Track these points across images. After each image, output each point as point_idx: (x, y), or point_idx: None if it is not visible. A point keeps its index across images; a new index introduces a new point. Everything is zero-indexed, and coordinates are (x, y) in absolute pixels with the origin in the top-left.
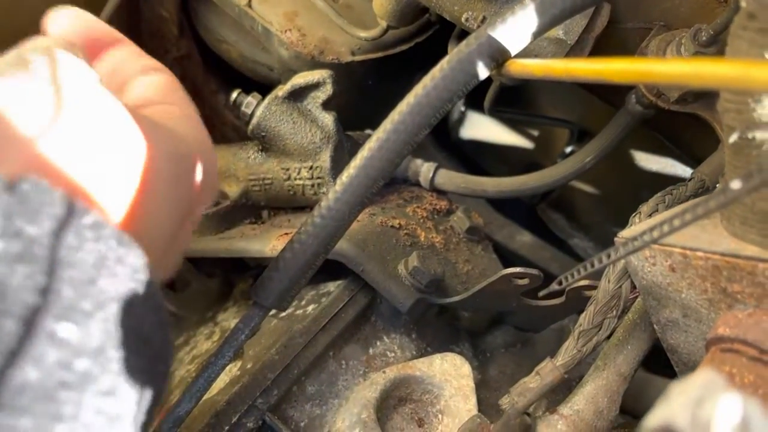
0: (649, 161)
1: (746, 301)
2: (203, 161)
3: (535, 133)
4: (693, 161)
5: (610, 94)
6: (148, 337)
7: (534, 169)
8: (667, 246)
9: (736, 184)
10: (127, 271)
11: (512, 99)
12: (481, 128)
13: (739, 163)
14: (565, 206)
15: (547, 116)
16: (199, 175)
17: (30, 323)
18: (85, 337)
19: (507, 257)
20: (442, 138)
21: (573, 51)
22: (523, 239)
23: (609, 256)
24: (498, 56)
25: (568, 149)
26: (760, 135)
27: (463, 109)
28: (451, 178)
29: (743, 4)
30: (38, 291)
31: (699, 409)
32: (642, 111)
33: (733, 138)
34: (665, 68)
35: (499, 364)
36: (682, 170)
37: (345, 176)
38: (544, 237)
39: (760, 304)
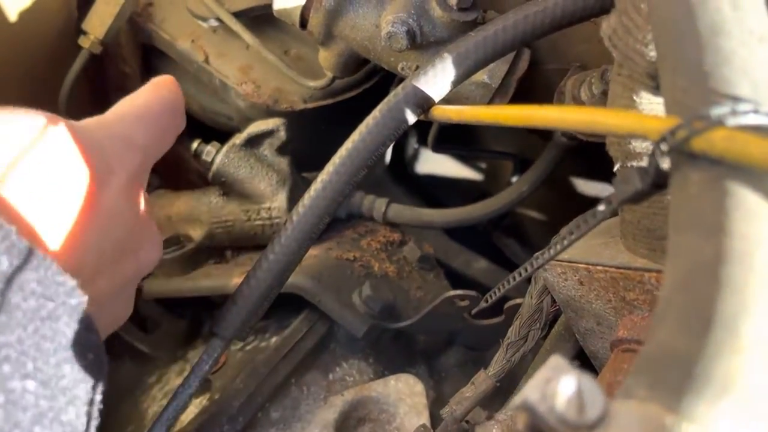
0: (587, 187)
1: (642, 307)
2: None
3: (484, 165)
4: None
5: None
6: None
7: (484, 198)
8: (574, 263)
9: (601, 207)
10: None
11: (458, 136)
12: (435, 163)
13: None
14: (518, 233)
15: (490, 150)
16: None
17: None
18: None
19: (465, 283)
20: (400, 173)
21: (498, 93)
22: (479, 265)
23: (526, 269)
24: (423, 103)
25: (513, 179)
26: (636, 164)
27: (416, 146)
28: (401, 212)
29: (615, 55)
30: None
31: (547, 386)
32: (567, 143)
33: (616, 167)
34: (542, 113)
35: (453, 382)
36: None
37: (294, 215)
38: (500, 263)
39: (652, 309)
